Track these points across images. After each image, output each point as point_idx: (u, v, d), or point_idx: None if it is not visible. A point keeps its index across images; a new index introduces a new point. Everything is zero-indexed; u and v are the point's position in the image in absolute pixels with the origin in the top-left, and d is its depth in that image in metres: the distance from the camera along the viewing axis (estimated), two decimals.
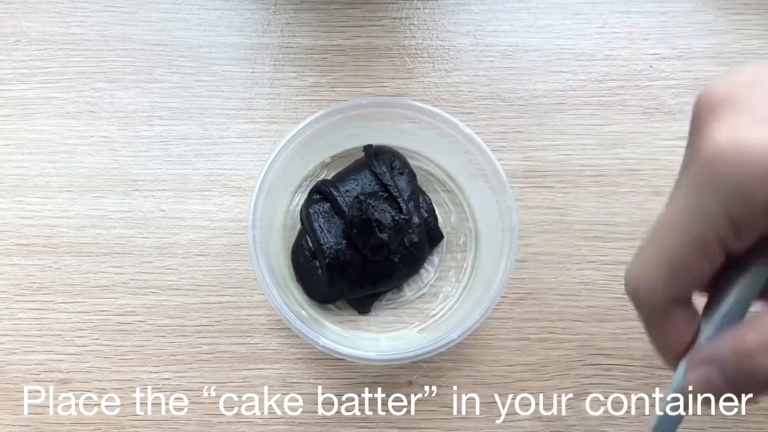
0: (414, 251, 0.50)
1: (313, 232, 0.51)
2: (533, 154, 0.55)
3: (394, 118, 0.51)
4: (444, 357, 0.52)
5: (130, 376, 0.51)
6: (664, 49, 0.58)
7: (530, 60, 0.57)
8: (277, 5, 0.58)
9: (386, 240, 0.48)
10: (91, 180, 0.55)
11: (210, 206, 0.54)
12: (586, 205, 0.55)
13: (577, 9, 0.58)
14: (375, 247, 0.48)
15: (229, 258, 0.53)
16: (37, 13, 0.58)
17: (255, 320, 0.52)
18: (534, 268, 0.54)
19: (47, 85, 0.56)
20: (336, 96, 0.57)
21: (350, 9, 0.58)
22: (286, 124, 0.56)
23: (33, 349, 0.52)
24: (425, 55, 0.58)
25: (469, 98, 0.57)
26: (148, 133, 0.56)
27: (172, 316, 0.52)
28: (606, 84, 0.57)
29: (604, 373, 0.52)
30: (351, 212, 0.49)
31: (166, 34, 0.58)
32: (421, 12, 0.58)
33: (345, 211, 0.50)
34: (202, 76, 0.57)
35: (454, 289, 0.53)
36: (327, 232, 0.51)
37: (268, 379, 0.52)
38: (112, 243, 0.54)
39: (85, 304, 0.53)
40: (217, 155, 0.55)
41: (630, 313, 0.52)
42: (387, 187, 0.51)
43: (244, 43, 0.58)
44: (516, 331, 0.53)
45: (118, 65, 0.57)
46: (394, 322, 0.52)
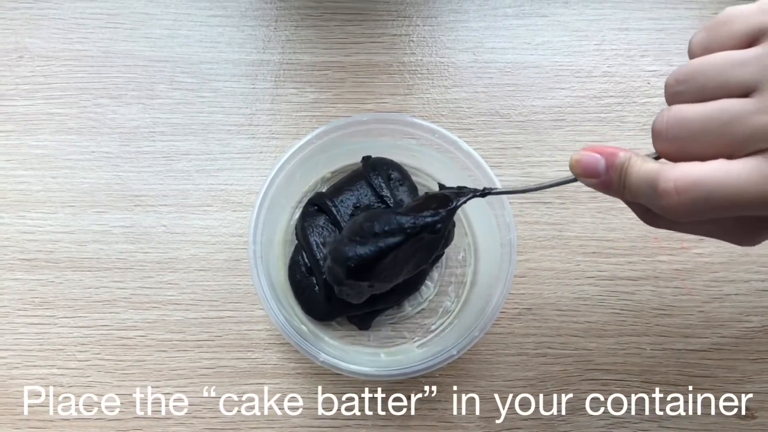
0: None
1: (308, 247, 0.51)
2: (531, 170, 0.56)
3: (394, 134, 0.52)
4: (443, 372, 0.52)
5: (131, 390, 0.52)
6: (662, 65, 0.58)
7: (529, 77, 0.58)
8: (278, 22, 0.59)
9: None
10: (92, 195, 0.55)
11: (211, 221, 0.55)
12: (584, 221, 0.55)
13: (576, 26, 0.59)
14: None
15: (229, 273, 0.54)
16: (40, 30, 0.58)
17: (255, 335, 0.53)
18: (532, 284, 0.54)
19: (50, 100, 0.57)
20: (336, 112, 0.57)
21: (350, 26, 0.59)
22: (286, 140, 0.56)
23: (34, 364, 0.52)
24: (424, 72, 0.58)
25: (467, 114, 0.57)
26: (149, 148, 0.56)
27: (173, 330, 0.53)
28: (604, 100, 0.58)
29: (601, 388, 0.52)
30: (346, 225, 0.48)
31: (167, 51, 0.58)
32: (420, 29, 0.59)
33: (341, 223, 0.50)
34: (203, 92, 0.57)
35: (453, 305, 0.53)
36: (323, 247, 0.50)
37: (268, 393, 0.52)
38: (113, 258, 0.54)
39: (86, 319, 0.53)
40: (218, 171, 0.56)
41: (627, 329, 0.52)
42: (383, 198, 0.50)
43: (245, 59, 0.58)
44: (515, 347, 0.53)
45: (120, 81, 0.57)
46: (394, 337, 0.53)
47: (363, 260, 0.40)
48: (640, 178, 0.31)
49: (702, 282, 0.54)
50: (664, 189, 0.30)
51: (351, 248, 0.41)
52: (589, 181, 0.34)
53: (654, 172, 0.31)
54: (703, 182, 0.29)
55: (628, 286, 0.54)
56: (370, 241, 0.40)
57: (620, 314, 0.53)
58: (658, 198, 0.30)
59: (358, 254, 0.40)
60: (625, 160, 0.32)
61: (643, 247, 0.54)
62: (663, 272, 0.54)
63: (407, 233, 0.39)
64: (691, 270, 0.54)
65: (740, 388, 0.52)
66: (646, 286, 0.54)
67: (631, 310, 0.53)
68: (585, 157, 0.34)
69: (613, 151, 0.33)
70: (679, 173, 0.29)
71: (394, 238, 0.40)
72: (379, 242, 0.40)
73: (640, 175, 0.32)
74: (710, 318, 0.53)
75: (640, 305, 0.54)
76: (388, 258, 0.40)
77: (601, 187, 0.34)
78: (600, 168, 0.33)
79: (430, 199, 0.42)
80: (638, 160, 0.32)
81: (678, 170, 0.30)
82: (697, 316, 0.53)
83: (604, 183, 0.34)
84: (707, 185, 0.29)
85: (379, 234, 0.40)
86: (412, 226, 0.39)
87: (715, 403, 0.52)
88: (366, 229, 0.41)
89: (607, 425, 0.52)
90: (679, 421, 0.52)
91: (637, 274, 0.54)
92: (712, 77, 0.30)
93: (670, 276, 0.54)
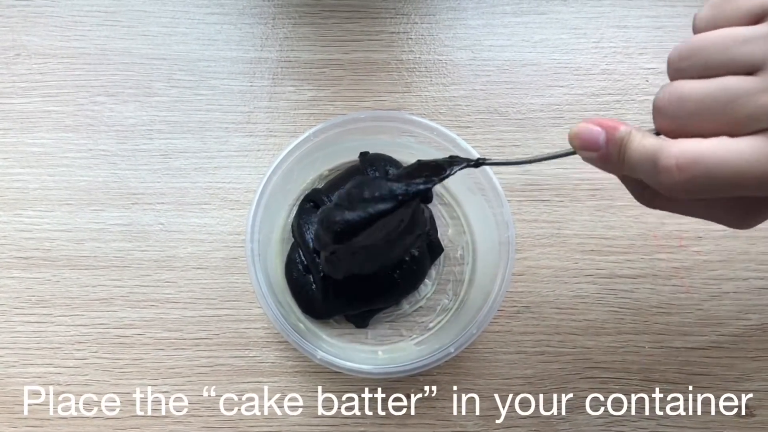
0: (414, 266, 0.50)
1: (304, 244, 0.50)
2: (530, 168, 0.56)
3: (392, 132, 0.51)
4: (441, 370, 0.52)
5: (128, 389, 0.52)
6: (660, 63, 0.58)
7: (527, 74, 0.58)
8: (275, 19, 0.59)
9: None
10: (90, 193, 0.55)
11: (209, 219, 0.55)
12: (583, 219, 0.55)
13: (574, 24, 0.59)
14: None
15: (227, 271, 0.54)
16: (37, 27, 0.58)
17: (253, 333, 0.53)
18: (531, 282, 0.54)
19: (47, 98, 0.57)
20: (334, 110, 0.57)
21: (348, 23, 0.59)
22: (284, 138, 0.56)
23: (32, 362, 0.52)
24: (423, 70, 0.58)
25: (466, 112, 0.57)
26: (147, 146, 0.56)
27: (171, 329, 0.53)
28: (602, 98, 0.57)
29: (600, 386, 0.52)
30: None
31: (165, 48, 0.58)
32: (418, 27, 0.59)
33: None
34: (201, 89, 0.57)
35: (451, 302, 0.53)
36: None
37: (266, 392, 0.52)
38: (111, 256, 0.54)
39: (83, 317, 0.53)
40: (215, 169, 0.56)
41: (626, 327, 0.52)
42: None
43: (243, 57, 0.58)
44: (513, 345, 0.53)
45: (117, 79, 0.57)
46: (392, 335, 0.53)
47: (350, 225, 0.39)
48: (640, 153, 0.31)
49: (701, 280, 0.54)
50: (665, 165, 0.29)
51: (339, 213, 0.40)
52: (588, 155, 0.34)
53: (655, 147, 0.30)
54: (704, 159, 0.28)
55: (627, 284, 0.54)
56: (359, 206, 0.39)
57: (619, 312, 0.53)
58: (657, 174, 0.30)
59: (345, 219, 0.39)
60: (625, 134, 0.32)
61: (641, 245, 0.54)
62: (662, 270, 0.54)
63: (398, 200, 0.38)
64: (689, 268, 0.54)
65: (739, 386, 0.52)
66: (645, 284, 0.54)
67: (629, 309, 0.53)
68: (584, 129, 0.33)
69: (613, 125, 0.33)
70: (681, 149, 0.29)
71: (385, 205, 0.38)
72: (368, 208, 0.39)
73: (640, 150, 0.31)
74: (709, 316, 0.53)
75: (639, 303, 0.53)
76: (377, 225, 0.39)
77: (599, 161, 0.33)
78: (599, 141, 0.33)
79: (423, 166, 0.41)
80: (639, 134, 0.32)
81: (679, 146, 0.29)
82: (696, 314, 0.53)
83: (602, 157, 0.33)
84: (709, 162, 0.28)
85: (369, 200, 0.39)
86: (404, 193, 0.38)
87: (714, 402, 0.52)
88: (355, 195, 0.40)
89: (605, 424, 0.52)
90: (678, 420, 0.52)
91: (635, 272, 0.54)
92: (715, 54, 0.29)
93: (669, 274, 0.54)
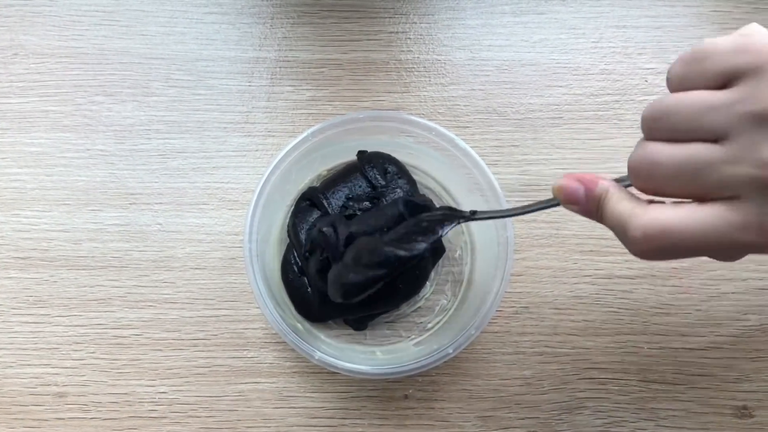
0: (416, 271, 0.49)
1: (299, 245, 0.50)
2: (529, 168, 0.56)
3: (391, 132, 0.51)
4: (440, 370, 0.52)
5: (126, 389, 0.51)
6: (659, 63, 0.58)
7: (526, 74, 0.58)
8: (274, 19, 0.59)
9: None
10: (87, 193, 0.55)
11: (207, 220, 0.55)
12: (581, 219, 0.53)
13: (573, 24, 0.59)
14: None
15: (225, 271, 0.54)
16: (35, 27, 0.58)
17: (251, 334, 0.53)
18: (529, 282, 0.54)
19: (44, 98, 0.57)
20: (333, 110, 0.57)
21: (347, 23, 0.58)
22: (283, 138, 0.56)
23: (29, 363, 0.52)
24: (421, 70, 0.58)
25: (465, 112, 0.57)
26: (145, 146, 0.56)
27: (169, 329, 0.52)
28: (601, 98, 0.57)
29: (599, 387, 0.52)
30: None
31: (163, 48, 0.58)
32: (417, 26, 0.59)
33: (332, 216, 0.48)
34: (199, 89, 0.57)
35: (449, 303, 0.53)
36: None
37: (264, 392, 0.52)
38: (108, 256, 0.54)
39: (81, 318, 0.53)
40: (214, 169, 0.56)
41: (625, 327, 0.52)
42: (378, 189, 0.50)
43: (242, 57, 0.58)
44: (511, 345, 0.53)
45: (115, 79, 0.57)
46: (390, 335, 0.53)
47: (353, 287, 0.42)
48: (613, 217, 0.33)
49: (700, 280, 0.54)
50: (633, 236, 0.31)
51: (345, 274, 0.43)
52: (571, 207, 0.36)
53: (625, 216, 0.32)
54: (669, 231, 0.30)
55: (626, 285, 0.54)
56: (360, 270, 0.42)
57: (617, 313, 0.53)
58: (627, 242, 0.32)
59: (350, 281, 0.42)
60: (602, 192, 0.34)
61: None
62: (660, 270, 0.54)
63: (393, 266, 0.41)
64: (688, 268, 0.54)
65: (738, 386, 0.52)
66: (644, 284, 0.54)
67: (628, 309, 0.53)
68: (566, 184, 0.35)
69: (592, 180, 0.34)
70: (647, 221, 0.31)
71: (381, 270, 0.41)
72: (368, 272, 0.42)
73: (613, 215, 0.33)
74: (708, 317, 0.53)
75: (638, 304, 0.53)
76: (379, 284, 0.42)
77: (581, 213, 0.36)
78: (580, 196, 0.35)
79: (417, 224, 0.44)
80: (614, 194, 0.33)
81: (646, 218, 0.31)
82: (694, 314, 0.53)
83: (583, 210, 0.35)
84: (673, 233, 0.30)
85: (368, 265, 0.42)
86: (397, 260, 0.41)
87: (712, 402, 0.52)
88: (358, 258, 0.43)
89: (604, 424, 0.51)
90: (677, 420, 0.52)
91: (634, 272, 0.54)
92: (684, 119, 0.30)
93: (668, 274, 0.54)
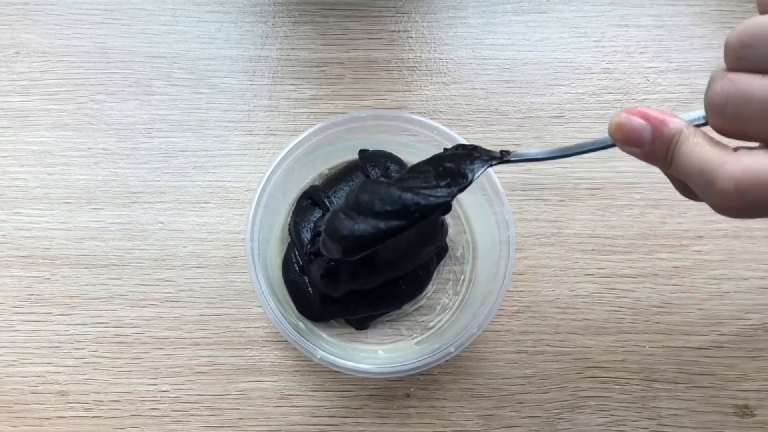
0: (420, 271, 0.49)
1: (300, 244, 0.49)
2: (530, 167, 0.56)
3: (392, 130, 0.51)
4: (441, 369, 0.52)
5: (128, 388, 0.51)
6: (661, 62, 0.58)
7: (528, 73, 0.58)
8: (275, 18, 0.59)
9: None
10: (89, 192, 0.55)
11: (208, 218, 0.55)
12: (583, 218, 0.55)
13: (575, 23, 0.59)
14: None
15: (227, 270, 0.54)
16: (37, 25, 0.58)
17: (253, 332, 0.52)
18: (531, 281, 0.54)
19: (46, 97, 0.57)
20: (334, 108, 0.57)
21: (349, 22, 0.58)
22: (284, 137, 0.56)
23: (31, 361, 0.52)
24: (423, 68, 0.58)
25: (466, 111, 0.57)
26: (146, 145, 0.56)
27: (170, 328, 0.52)
28: (603, 97, 0.57)
29: (600, 386, 0.52)
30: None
31: (165, 47, 0.58)
32: (419, 25, 0.59)
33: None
34: (200, 88, 0.57)
35: (451, 302, 0.53)
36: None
37: (266, 391, 0.52)
38: (110, 255, 0.54)
39: (83, 316, 0.53)
40: (215, 167, 0.55)
41: (626, 326, 0.52)
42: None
43: (243, 55, 0.58)
44: (513, 344, 0.53)
45: (117, 77, 0.57)
46: (392, 334, 0.53)
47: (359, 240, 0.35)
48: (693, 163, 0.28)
49: (701, 279, 0.54)
50: (723, 187, 0.26)
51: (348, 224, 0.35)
52: (631, 150, 0.30)
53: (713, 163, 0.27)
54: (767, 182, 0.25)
55: (627, 284, 0.54)
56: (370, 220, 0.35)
57: (619, 312, 0.53)
58: (714, 195, 0.27)
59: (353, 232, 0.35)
60: (676, 133, 0.29)
61: (642, 244, 0.54)
62: (662, 270, 0.54)
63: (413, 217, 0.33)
64: (690, 267, 0.54)
65: (740, 386, 0.52)
66: (646, 283, 0.54)
67: (630, 308, 0.53)
68: (628, 121, 0.30)
69: (662, 119, 0.29)
70: (742, 171, 0.26)
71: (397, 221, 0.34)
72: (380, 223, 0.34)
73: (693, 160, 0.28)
74: (710, 316, 0.53)
75: (639, 303, 0.53)
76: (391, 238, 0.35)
77: (643, 157, 0.30)
78: (645, 136, 0.29)
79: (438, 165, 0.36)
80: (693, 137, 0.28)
81: (741, 166, 0.26)
82: (696, 313, 0.53)
83: (647, 154, 0.30)
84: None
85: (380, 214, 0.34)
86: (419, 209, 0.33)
87: (714, 401, 0.52)
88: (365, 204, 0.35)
89: (606, 423, 0.51)
90: (678, 419, 0.52)
91: (636, 271, 0.54)
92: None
93: (670, 273, 0.54)
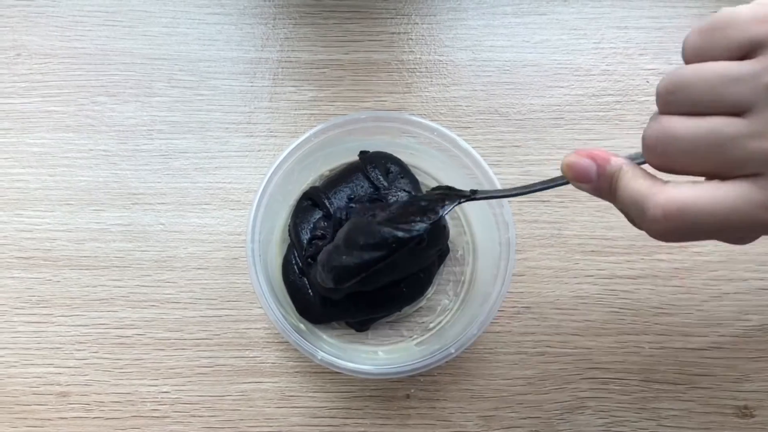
0: (421, 274, 0.49)
1: (299, 245, 0.49)
2: (530, 168, 0.56)
3: (392, 132, 0.51)
4: (442, 370, 0.52)
5: (129, 389, 0.52)
6: (661, 64, 0.58)
7: (527, 75, 0.58)
8: (276, 20, 0.59)
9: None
10: (90, 193, 0.55)
11: (209, 220, 0.55)
12: (583, 220, 0.55)
13: (574, 24, 0.59)
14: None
15: (227, 271, 0.54)
16: (38, 27, 0.58)
17: (253, 334, 0.53)
18: (531, 282, 0.54)
19: (47, 98, 0.57)
20: (335, 110, 0.57)
21: (349, 24, 0.59)
22: (285, 138, 0.56)
23: (32, 362, 0.52)
24: (423, 70, 0.58)
25: (466, 113, 0.57)
26: (147, 146, 0.56)
27: (171, 329, 0.53)
28: (603, 99, 0.57)
29: (600, 387, 0.52)
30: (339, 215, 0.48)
31: (166, 49, 0.58)
32: (419, 27, 0.59)
33: (334, 215, 0.48)
34: (201, 90, 0.57)
35: (452, 303, 0.53)
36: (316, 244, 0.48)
37: (267, 392, 0.52)
38: (111, 256, 0.54)
39: (84, 317, 0.53)
40: (216, 169, 0.56)
41: (626, 328, 0.52)
42: (380, 189, 0.50)
43: (244, 57, 0.58)
44: (513, 345, 0.53)
45: (118, 79, 0.57)
46: (393, 335, 0.53)
47: (346, 271, 0.41)
48: (629, 195, 0.31)
49: (701, 280, 0.54)
50: (652, 215, 0.30)
51: (338, 257, 0.42)
52: (581, 186, 0.34)
53: (642, 193, 0.31)
54: (689, 209, 0.29)
55: (627, 285, 0.54)
56: (355, 253, 0.41)
57: (619, 313, 0.53)
58: (645, 221, 0.31)
59: (342, 264, 0.41)
60: (616, 169, 0.32)
61: (642, 245, 0.54)
62: (662, 271, 0.54)
63: (391, 248, 0.40)
64: (690, 268, 0.54)
65: (739, 386, 0.52)
66: (645, 284, 0.54)
67: (630, 309, 0.53)
68: (577, 161, 0.34)
69: (604, 157, 0.33)
70: (667, 199, 0.29)
71: (378, 252, 0.40)
72: (363, 255, 0.40)
73: (629, 192, 0.31)
74: (709, 317, 0.53)
75: (639, 304, 0.53)
76: (374, 268, 0.41)
77: (592, 191, 0.34)
78: (591, 173, 0.33)
79: (415, 204, 0.42)
80: (629, 172, 0.32)
81: (666, 195, 0.30)
82: (696, 314, 0.53)
83: (595, 188, 0.34)
84: (695, 211, 0.29)
85: (364, 246, 0.40)
86: (396, 241, 0.39)
87: (714, 402, 0.52)
88: (351, 240, 0.41)
89: (606, 424, 0.52)
90: (678, 420, 0.52)
91: (636, 272, 0.54)
92: (703, 92, 0.29)
93: (669, 275, 0.54)
